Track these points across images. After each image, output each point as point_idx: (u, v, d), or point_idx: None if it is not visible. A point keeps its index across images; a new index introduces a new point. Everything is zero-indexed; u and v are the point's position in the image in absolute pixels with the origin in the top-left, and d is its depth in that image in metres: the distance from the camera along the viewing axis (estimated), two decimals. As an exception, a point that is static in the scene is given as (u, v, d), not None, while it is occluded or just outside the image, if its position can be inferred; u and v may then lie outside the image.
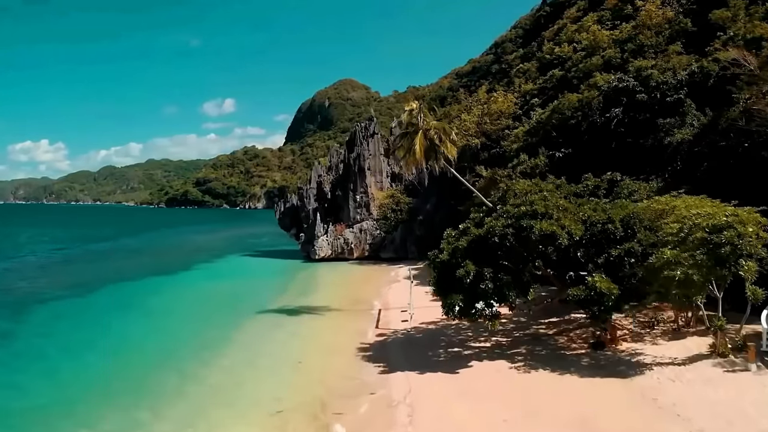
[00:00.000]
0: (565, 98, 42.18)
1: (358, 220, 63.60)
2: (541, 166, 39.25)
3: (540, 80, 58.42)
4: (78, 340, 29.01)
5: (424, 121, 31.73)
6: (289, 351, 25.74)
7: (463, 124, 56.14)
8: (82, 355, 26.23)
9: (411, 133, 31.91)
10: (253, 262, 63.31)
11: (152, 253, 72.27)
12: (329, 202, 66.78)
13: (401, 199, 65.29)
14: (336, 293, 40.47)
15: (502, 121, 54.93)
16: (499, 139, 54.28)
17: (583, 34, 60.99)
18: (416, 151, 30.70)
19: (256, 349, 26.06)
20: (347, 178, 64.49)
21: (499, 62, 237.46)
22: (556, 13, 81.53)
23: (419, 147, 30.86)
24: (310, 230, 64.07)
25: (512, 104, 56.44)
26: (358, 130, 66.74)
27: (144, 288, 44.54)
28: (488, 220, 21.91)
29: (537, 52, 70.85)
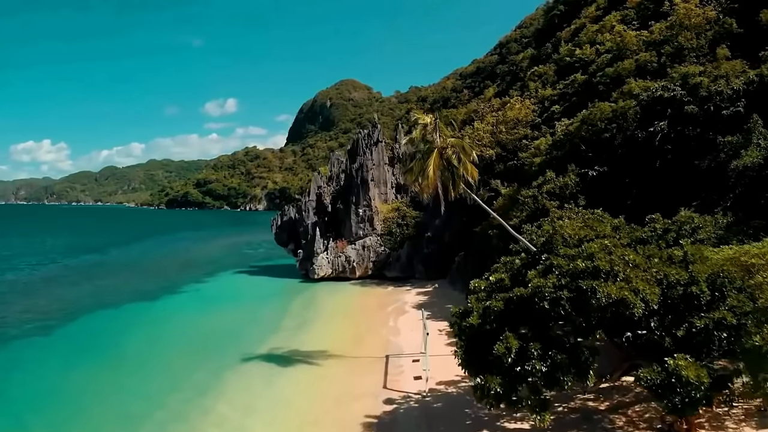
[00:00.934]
0: (597, 108, 37.22)
1: (360, 236, 58.70)
2: (571, 186, 34.32)
3: (560, 85, 53.45)
4: (25, 399, 24.15)
5: (441, 137, 26.87)
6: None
7: (475, 133, 51.22)
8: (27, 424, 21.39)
9: (424, 153, 27.03)
10: (246, 281, 58.39)
11: (139, 269, 67.38)
12: (329, 216, 61.90)
13: (407, 212, 60.43)
14: (336, 329, 35.52)
15: (519, 130, 50.00)
16: (516, 150, 49.38)
17: (606, 34, 56.04)
18: (430, 174, 25.82)
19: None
20: (349, 191, 59.59)
21: (504, 63, 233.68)
22: (572, 12, 76.52)
23: (434, 169, 25.97)
24: (308, 246, 59.17)
25: (530, 111, 51.50)
26: (360, 138, 61.84)
27: (120, 320, 39.71)
28: (533, 276, 16.90)
29: (553, 53, 65.89)
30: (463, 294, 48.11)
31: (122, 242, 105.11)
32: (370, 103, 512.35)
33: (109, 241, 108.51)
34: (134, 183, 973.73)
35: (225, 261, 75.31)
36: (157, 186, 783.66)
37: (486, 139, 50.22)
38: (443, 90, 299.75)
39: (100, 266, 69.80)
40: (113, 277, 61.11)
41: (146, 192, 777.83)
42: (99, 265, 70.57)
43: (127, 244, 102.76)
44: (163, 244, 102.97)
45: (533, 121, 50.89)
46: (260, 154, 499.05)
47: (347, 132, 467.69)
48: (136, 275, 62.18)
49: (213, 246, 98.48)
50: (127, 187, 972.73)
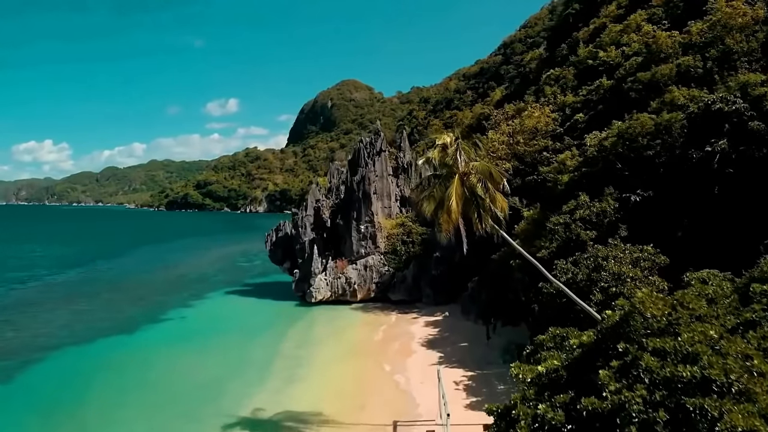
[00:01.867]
0: (636, 120, 32.22)
1: (362, 255, 53.78)
2: (610, 214, 29.32)
3: (583, 91, 48.45)
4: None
5: (463, 161, 21.93)
6: None
7: (490, 144, 46.25)
8: None
9: (443, 179, 22.10)
10: (237, 305, 53.43)
11: (124, 289, 62.47)
12: (328, 232, 56.97)
13: (413, 228, 55.53)
14: (334, 380, 30.45)
15: (538, 141, 45.02)
16: (535, 164, 44.39)
17: (632, 35, 51.04)
18: (452, 207, 20.84)
19: None
20: (349, 205, 54.68)
21: (509, 63, 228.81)
22: (588, 10, 71.50)
23: (456, 200, 21.01)
24: (305, 266, 54.27)
25: (550, 120, 46.52)
26: (362, 148, 56.91)
27: (89, 362, 34.85)
28: (608, 380, 11.94)
29: (570, 55, 60.89)
30: (478, 325, 43.38)
31: (113, 253, 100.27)
32: (372, 104, 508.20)
33: (100, 251, 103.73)
34: (135, 183, 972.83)
35: (217, 278, 70.44)
36: (158, 186, 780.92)
37: (502, 150, 45.24)
38: (446, 91, 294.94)
39: (83, 285, 64.87)
40: (95, 299, 56.18)
41: (147, 193, 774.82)
42: (82, 284, 65.64)
43: (117, 255, 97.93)
44: (154, 255, 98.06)
45: (554, 131, 45.90)
46: (261, 155, 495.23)
47: (348, 133, 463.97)
48: (119, 297, 57.27)
49: (206, 258, 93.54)
50: (127, 187, 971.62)
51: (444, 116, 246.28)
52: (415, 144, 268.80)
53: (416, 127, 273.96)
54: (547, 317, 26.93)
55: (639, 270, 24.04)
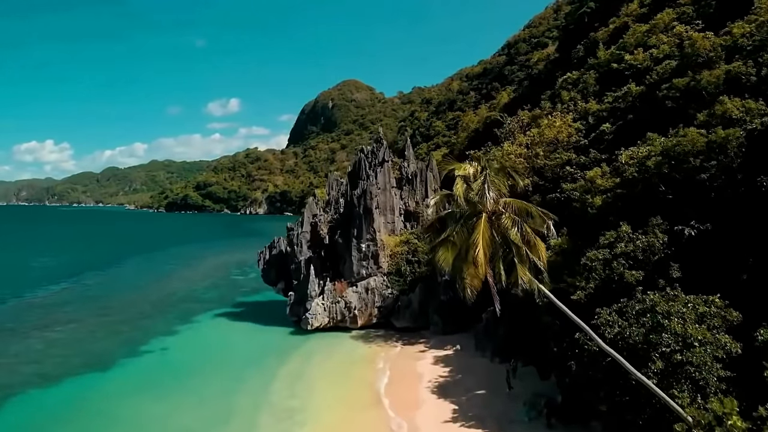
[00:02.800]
0: (685, 136, 27.55)
1: (363, 276, 49.13)
2: (658, 250, 24.64)
3: (608, 98, 43.68)
4: None
5: (493, 197, 17.27)
6: None
7: (506, 158, 41.56)
8: None
9: (464, 219, 17.46)
10: (226, 333, 48.72)
11: (106, 310, 57.80)
12: (326, 250, 52.33)
13: (419, 246, 50.82)
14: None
15: (560, 155, 40.32)
16: (557, 179, 39.71)
17: (661, 36, 46.39)
18: (480, 258, 16.12)
19: None
20: (349, 222, 50.01)
21: (513, 63, 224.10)
22: (606, 9, 66.75)
23: (484, 249, 16.29)
24: (301, 288, 49.64)
25: (573, 130, 41.81)
26: (362, 158, 52.21)
27: (49, 413, 30.21)
28: None
29: (588, 57, 56.15)
30: (494, 364, 38.48)
31: (103, 264, 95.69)
32: (373, 104, 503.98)
33: (91, 261, 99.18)
34: (135, 184, 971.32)
35: (208, 296, 65.84)
36: (159, 187, 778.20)
37: (520, 165, 40.53)
38: (448, 92, 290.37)
39: (64, 306, 60.12)
40: (73, 325, 51.51)
41: (147, 193, 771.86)
42: (64, 304, 60.79)
43: (108, 266, 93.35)
44: (146, 266, 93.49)
45: (578, 142, 41.21)
46: (261, 156, 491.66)
47: (349, 133, 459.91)
48: (99, 322, 52.62)
49: (200, 270, 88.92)
50: (128, 188, 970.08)
51: (447, 118, 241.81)
52: (417, 146, 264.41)
53: (418, 128, 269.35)
54: (588, 379, 22.30)
55: (706, 328, 19.42)
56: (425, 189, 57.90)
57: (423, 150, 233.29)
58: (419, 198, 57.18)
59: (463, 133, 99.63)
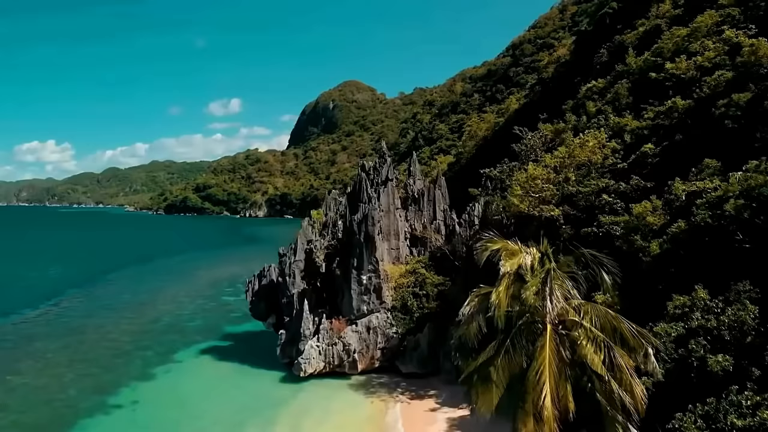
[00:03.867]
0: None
1: (364, 312, 43.29)
2: (749, 328, 18.77)
3: (648, 112, 37.74)
4: None
5: (558, 302, 11.40)
6: None
7: (530, 183, 35.66)
8: None
9: (515, 335, 11.65)
10: (207, 379, 42.68)
11: (78, 344, 51.93)
12: (323, 280, 46.51)
13: (427, 277, 45.06)
14: None
15: (595, 181, 34.41)
16: (592, 209, 33.86)
17: (707, 41, 40.49)
18: (547, 404, 10.27)
19: None
20: (349, 251, 44.14)
21: (518, 65, 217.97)
22: (633, 10, 60.80)
23: (551, 390, 10.42)
24: (294, 325, 43.81)
25: (608, 150, 35.88)
26: (363, 178, 46.31)
27: None
28: None
29: (617, 64, 50.20)
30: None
31: (87, 279, 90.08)
32: (374, 105, 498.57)
33: (77, 275, 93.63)
34: (136, 185, 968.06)
35: (194, 324, 60.06)
36: (159, 188, 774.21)
37: (548, 191, 34.64)
38: (451, 94, 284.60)
39: (33, 340, 53.73)
40: (38, 365, 45.70)
41: (147, 194, 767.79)
42: (32, 338, 54.31)
43: (93, 282, 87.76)
44: (133, 283, 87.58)
45: (615, 165, 35.30)
46: (261, 158, 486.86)
47: (350, 135, 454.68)
48: (69, 359, 46.88)
49: (190, 288, 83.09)
50: (128, 188, 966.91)
51: (450, 121, 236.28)
52: (420, 149, 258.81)
53: (421, 131, 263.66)
54: None
55: None
56: (433, 209, 52.09)
57: (426, 153, 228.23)
58: (426, 220, 51.38)
59: (471, 141, 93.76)
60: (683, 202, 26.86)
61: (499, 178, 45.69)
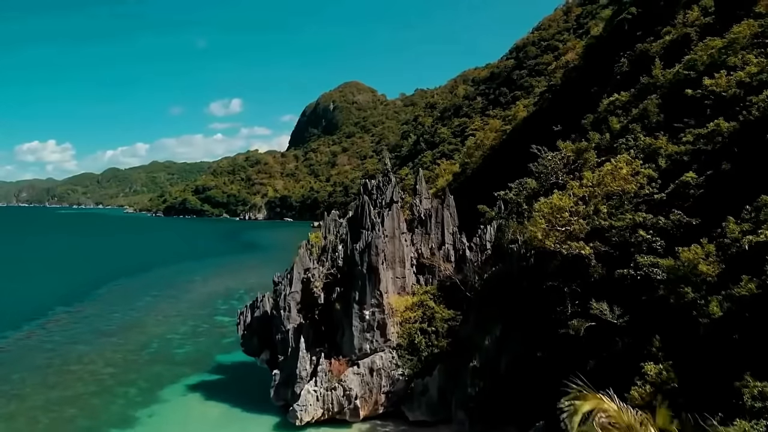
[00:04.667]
0: None
1: (367, 352, 39.25)
2: None
3: (687, 135, 33.66)
4: None
5: None
6: None
7: (556, 215, 31.59)
8: None
9: None
10: (194, 424, 38.74)
11: (59, 376, 47.86)
12: (321, 312, 42.47)
13: (437, 311, 41.02)
14: None
15: (630, 215, 30.33)
16: (626, 246, 29.83)
17: (748, 55, 36.45)
18: None
19: None
20: (350, 283, 40.10)
21: (522, 68, 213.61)
22: (654, 16, 56.73)
23: None
24: (289, 365, 39.82)
25: (644, 178, 31.82)
26: (366, 202, 42.23)
27: None
28: None
29: (642, 76, 46.14)
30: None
31: (75, 295, 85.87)
32: (375, 107, 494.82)
33: (62, 291, 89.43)
34: (136, 185, 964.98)
35: (183, 352, 56.04)
36: (159, 188, 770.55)
37: (577, 225, 30.59)
38: (453, 96, 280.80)
39: (10, 372, 49.82)
40: (13, 404, 41.63)
41: (147, 195, 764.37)
42: (7, 374, 50.50)
43: (78, 299, 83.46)
44: (120, 301, 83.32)
45: (651, 195, 31.24)
46: (261, 159, 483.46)
47: (351, 136, 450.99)
48: (44, 398, 42.71)
49: (181, 306, 78.99)
50: (128, 189, 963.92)
51: (452, 124, 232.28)
52: (422, 154, 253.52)
53: (422, 135, 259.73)
54: None
55: None
56: (441, 231, 48.08)
57: (428, 158, 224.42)
58: (434, 243, 47.35)
59: (478, 152, 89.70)
60: (743, 249, 22.84)
61: (516, 201, 41.67)
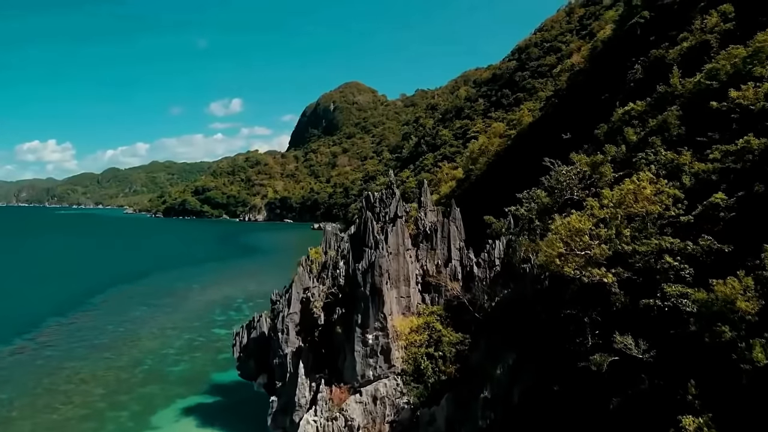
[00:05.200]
0: None
1: (369, 378, 37.05)
2: None
3: (714, 152, 31.40)
4: None
5: None
6: None
7: (574, 239, 29.31)
8: None
9: None
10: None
11: (50, 396, 45.78)
12: (321, 333, 40.28)
13: (444, 334, 38.79)
14: None
15: (656, 239, 28.06)
16: (651, 273, 27.57)
17: (778, 63, 34.17)
18: None
19: None
20: (352, 305, 37.90)
21: (524, 69, 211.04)
22: (668, 21, 54.43)
23: None
24: (287, 391, 37.65)
25: (668, 198, 29.55)
26: (369, 219, 39.96)
27: None
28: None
29: (660, 84, 43.87)
30: None
31: (67, 304, 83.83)
32: (375, 107, 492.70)
33: (54, 300, 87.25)
34: (136, 185, 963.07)
35: (178, 370, 53.83)
36: (159, 188, 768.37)
37: (597, 251, 28.31)
38: (455, 98, 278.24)
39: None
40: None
41: (147, 195, 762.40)
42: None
43: (71, 309, 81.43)
44: (114, 312, 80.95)
45: (677, 217, 28.97)
46: (261, 160, 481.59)
47: (351, 137, 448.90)
48: (31, 424, 40.67)
49: (177, 317, 76.77)
50: (128, 189, 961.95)
51: (454, 126, 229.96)
52: (423, 156, 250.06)
53: (424, 137, 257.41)
54: None
55: None
56: (447, 246, 45.84)
57: (429, 160, 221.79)
58: (440, 260, 45.13)
59: (482, 158, 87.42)
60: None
61: (528, 217, 39.39)
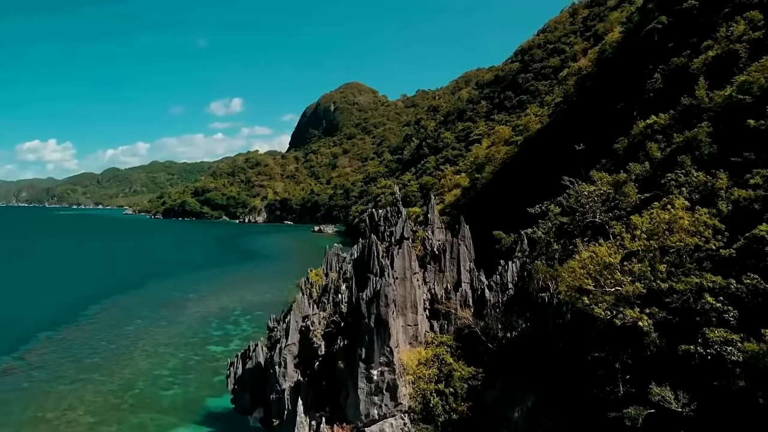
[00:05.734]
0: None
1: (374, 418, 34.15)
2: None
3: (755, 178, 28.50)
4: None
5: None
6: None
7: (607, 274, 26.39)
8: None
9: None
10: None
11: (32, 425, 43.10)
12: (322, 364, 37.40)
13: (455, 368, 35.91)
14: None
15: (693, 277, 25.14)
16: (689, 314, 24.69)
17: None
18: None
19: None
20: (356, 337, 34.96)
21: (528, 71, 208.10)
22: (688, 27, 51.52)
23: None
24: (285, 430, 34.73)
25: (707, 230, 26.62)
26: (374, 244, 36.99)
27: None
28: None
29: (684, 97, 40.94)
30: None
31: (66, 314, 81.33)
32: (376, 108, 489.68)
33: (54, 309, 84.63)
34: (136, 185, 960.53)
35: (170, 394, 50.82)
36: (159, 189, 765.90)
37: (629, 287, 25.39)
38: (457, 100, 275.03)
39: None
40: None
41: (147, 195, 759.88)
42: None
43: (69, 320, 78.85)
44: (106, 325, 77.93)
45: (717, 251, 26.05)
46: (261, 160, 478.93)
47: (352, 138, 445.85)
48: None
49: (172, 332, 73.82)
50: (128, 189, 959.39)
51: (456, 129, 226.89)
52: (425, 159, 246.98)
53: (425, 139, 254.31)
54: None
55: None
56: (457, 268, 43.04)
57: (431, 163, 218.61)
58: (450, 283, 42.29)
59: (489, 166, 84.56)
60: None
61: (546, 240, 36.48)
